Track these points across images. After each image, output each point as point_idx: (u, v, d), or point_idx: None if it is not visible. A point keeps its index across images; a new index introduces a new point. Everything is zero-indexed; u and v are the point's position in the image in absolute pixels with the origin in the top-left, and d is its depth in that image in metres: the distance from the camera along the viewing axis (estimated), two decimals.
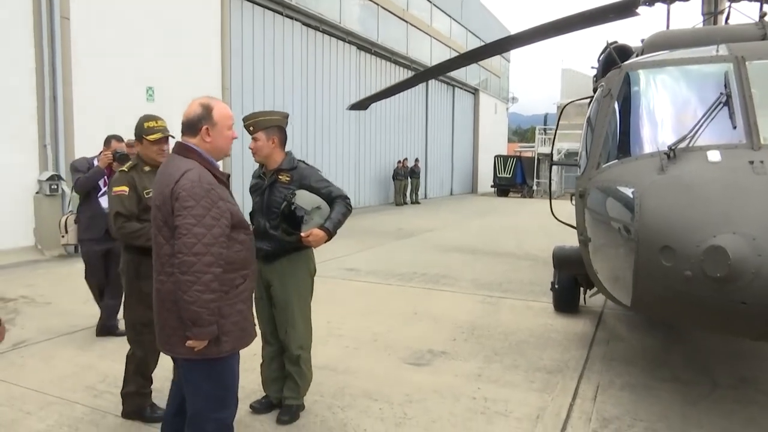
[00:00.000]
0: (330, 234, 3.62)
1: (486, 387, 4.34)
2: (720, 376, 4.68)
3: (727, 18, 6.28)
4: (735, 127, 3.47)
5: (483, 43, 26.08)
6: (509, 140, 49.38)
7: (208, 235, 2.41)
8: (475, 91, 33.96)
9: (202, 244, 2.39)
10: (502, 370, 4.72)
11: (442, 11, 28.49)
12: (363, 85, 20.83)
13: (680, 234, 2.89)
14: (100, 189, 5.46)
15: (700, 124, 3.56)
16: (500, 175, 31.49)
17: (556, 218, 6.06)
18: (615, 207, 3.55)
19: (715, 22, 6.51)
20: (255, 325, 2.79)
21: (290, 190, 3.62)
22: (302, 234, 3.54)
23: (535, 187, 32.26)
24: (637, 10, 7.37)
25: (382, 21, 22.48)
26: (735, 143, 3.39)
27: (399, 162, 23.14)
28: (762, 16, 4.64)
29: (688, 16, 7.21)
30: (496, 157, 32.31)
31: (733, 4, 6.72)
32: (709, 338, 5.50)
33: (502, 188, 31.62)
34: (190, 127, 2.63)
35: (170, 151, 3.69)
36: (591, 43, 5.55)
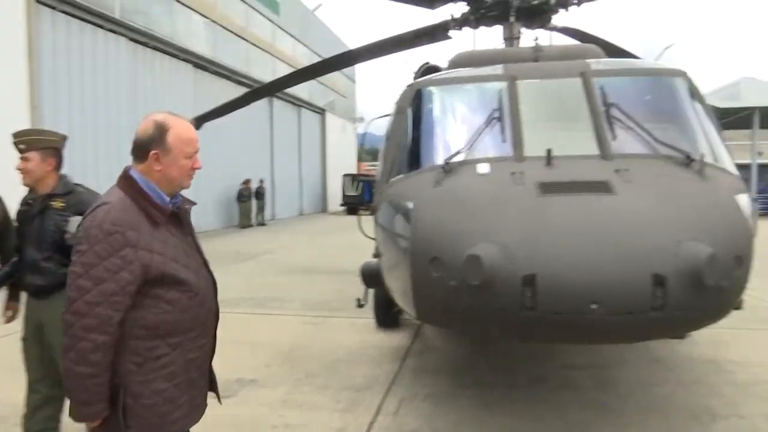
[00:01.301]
0: None
1: (290, 413, 4.17)
2: (518, 377, 4.95)
3: (516, 42, 6.83)
4: (504, 141, 3.68)
5: None
6: (363, 159, 50.42)
7: (94, 291, 1.90)
8: (322, 111, 34.23)
9: (84, 301, 1.89)
10: (311, 392, 4.58)
11: (285, 31, 28.42)
12: (201, 104, 19.88)
13: (446, 245, 2.95)
14: None
15: (475, 138, 3.73)
16: (348, 194, 31.92)
17: (363, 233, 6.11)
18: (396, 221, 3.59)
19: (511, 45, 7.07)
20: (196, 408, 2.19)
21: (64, 217, 3.23)
22: None
23: None
24: (449, 34, 7.84)
25: (220, 39, 21.85)
26: (504, 156, 3.58)
27: (243, 183, 22.48)
28: (535, 40, 5.05)
29: (495, 40, 7.78)
30: (344, 176, 32.75)
31: (526, 30, 7.40)
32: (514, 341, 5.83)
33: (351, 206, 32.04)
34: (138, 150, 2.10)
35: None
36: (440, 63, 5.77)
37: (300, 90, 29.45)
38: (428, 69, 7.04)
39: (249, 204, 22.71)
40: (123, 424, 1.97)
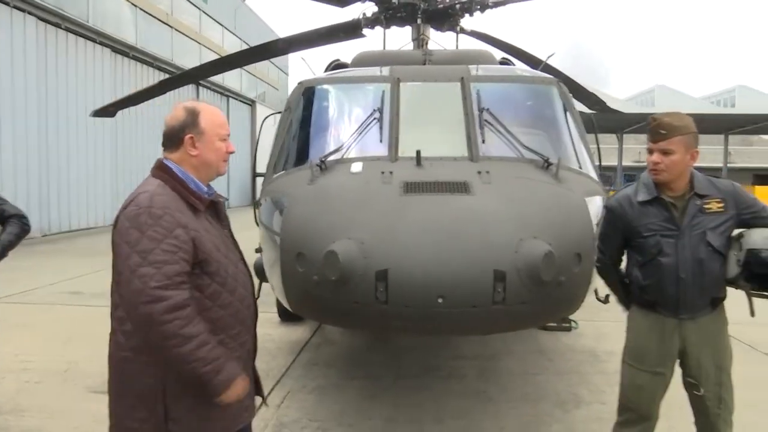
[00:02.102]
0: None
1: None
2: (408, 367, 5.12)
3: (423, 43, 7.02)
4: (382, 141, 3.80)
5: None
6: None
7: (159, 275, 1.82)
8: (252, 103, 33.66)
9: (152, 287, 1.81)
10: None
11: (213, 19, 27.78)
12: (120, 91, 19.20)
13: (309, 241, 3.04)
14: None
15: (355, 137, 3.84)
16: None
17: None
18: (272, 216, 3.65)
19: (419, 46, 7.26)
20: (244, 410, 2.11)
21: None
22: None
23: None
24: (363, 32, 7.94)
25: (141, 24, 21.10)
26: (379, 156, 3.70)
27: None
28: (425, 43, 5.22)
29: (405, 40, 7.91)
30: None
31: (434, 32, 7.62)
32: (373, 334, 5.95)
33: None
34: (171, 138, 2.09)
35: None
36: None
37: (230, 81, 28.92)
38: (337, 66, 7.12)
39: None
40: (164, 427, 1.92)
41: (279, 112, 6.34)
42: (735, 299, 2.78)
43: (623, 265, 3.03)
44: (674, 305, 2.68)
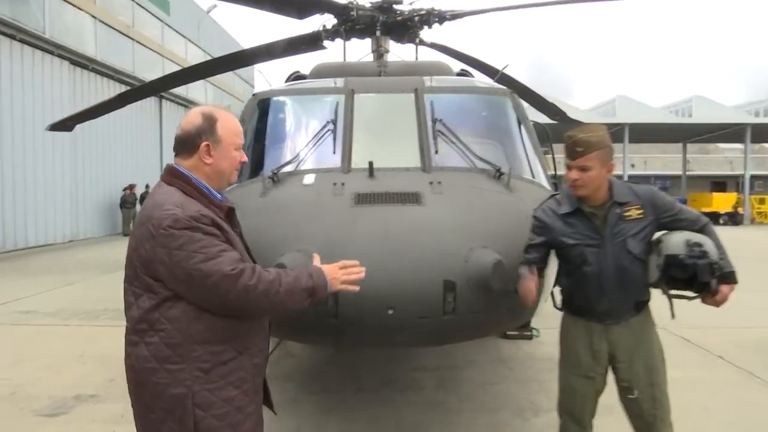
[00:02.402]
0: None
1: (122, 428, 4.02)
2: (367, 380, 5.07)
3: (380, 55, 7.05)
4: (335, 153, 3.78)
5: None
6: None
7: (226, 260, 1.85)
8: None
9: (228, 271, 1.83)
10: None
11: (176, 31, 27.46)
12: (80, 104, 18.80)
13: (259, 254, 2.97)
14: None
15: (308, 149, 3.81)
16: None
17: None
18: None
19: (379, 58, 7.28)
20: (261, 419, 2.15)
21: None
22: None
23: None
24: (323, 44, 7.93)
25: (102, 36, 20.73)
26: (332, 167, 3.68)
27: (126, 188, 21.40)
28: (381, 55, 5.24)
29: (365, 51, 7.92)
30: None
31: (394, 43, 7.65)
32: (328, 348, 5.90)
33: None
34: (185, 144, 2.00)
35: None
36: None
37: (194, 93, 28.62)
38: (297, 77, 7.10)
39: (134, 210, 21.61)
40: None
41: None
42: (693, 306, 2.79)
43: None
44: (600, 312, 2.71)
